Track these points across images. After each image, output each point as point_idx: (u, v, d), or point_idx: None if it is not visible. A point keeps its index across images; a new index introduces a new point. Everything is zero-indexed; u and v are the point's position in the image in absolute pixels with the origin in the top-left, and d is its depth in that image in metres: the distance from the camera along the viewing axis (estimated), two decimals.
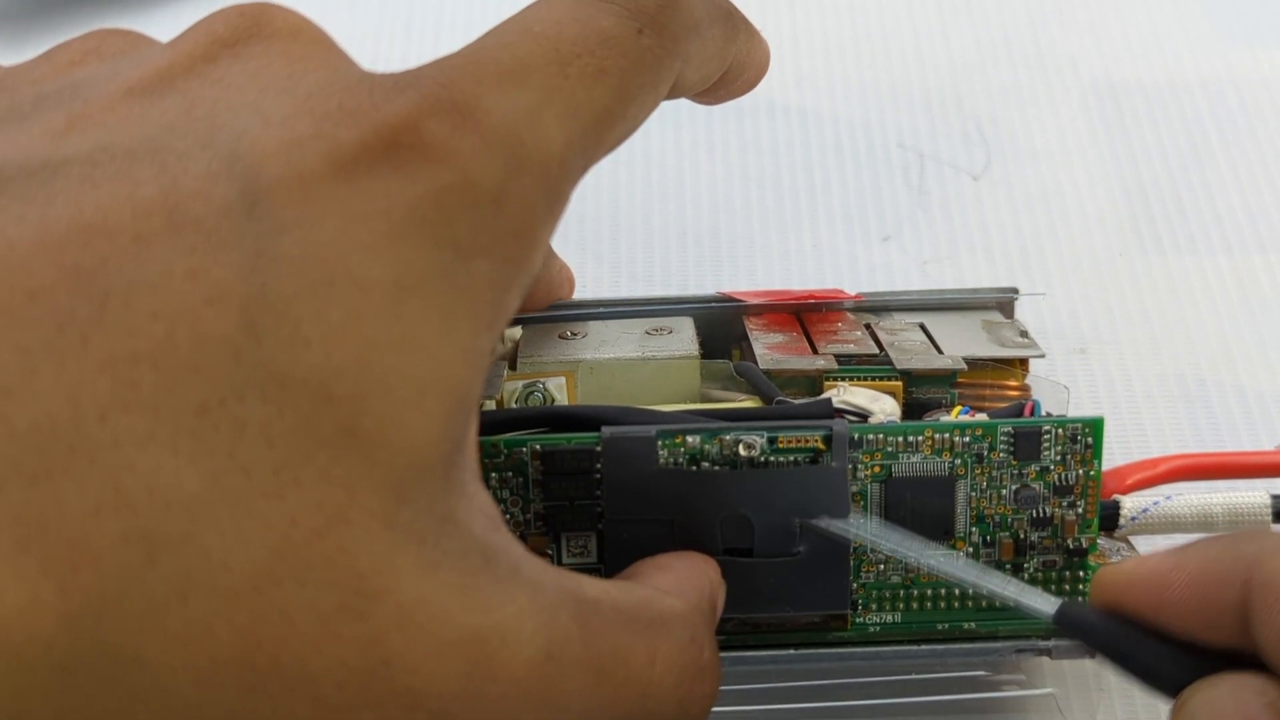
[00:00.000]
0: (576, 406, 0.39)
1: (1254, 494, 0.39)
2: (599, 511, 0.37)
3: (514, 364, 0.41)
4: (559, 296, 0.44)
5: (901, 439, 0.37)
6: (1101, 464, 0.37)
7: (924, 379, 0.40)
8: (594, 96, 0.29)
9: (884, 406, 0.38)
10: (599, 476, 0.36)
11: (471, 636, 0.26)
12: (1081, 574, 0.38)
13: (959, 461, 0.37)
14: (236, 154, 0.26)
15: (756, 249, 0.56)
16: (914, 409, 0.40)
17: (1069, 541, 0.37)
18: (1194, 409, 0.50)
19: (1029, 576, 0.38)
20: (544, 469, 0.37)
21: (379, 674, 0.26)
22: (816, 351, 0.41)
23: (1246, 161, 0.60)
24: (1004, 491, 0.37)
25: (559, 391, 0.40)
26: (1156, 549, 0.40)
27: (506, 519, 0.36)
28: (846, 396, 0.38)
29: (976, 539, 0.37)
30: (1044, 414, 0.38)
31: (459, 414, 0.27)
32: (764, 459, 0.36)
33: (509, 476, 0.37)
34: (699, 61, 0.34)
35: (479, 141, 0.27)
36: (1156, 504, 0.39)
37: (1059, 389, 0.39)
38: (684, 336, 0.42)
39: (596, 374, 0.41)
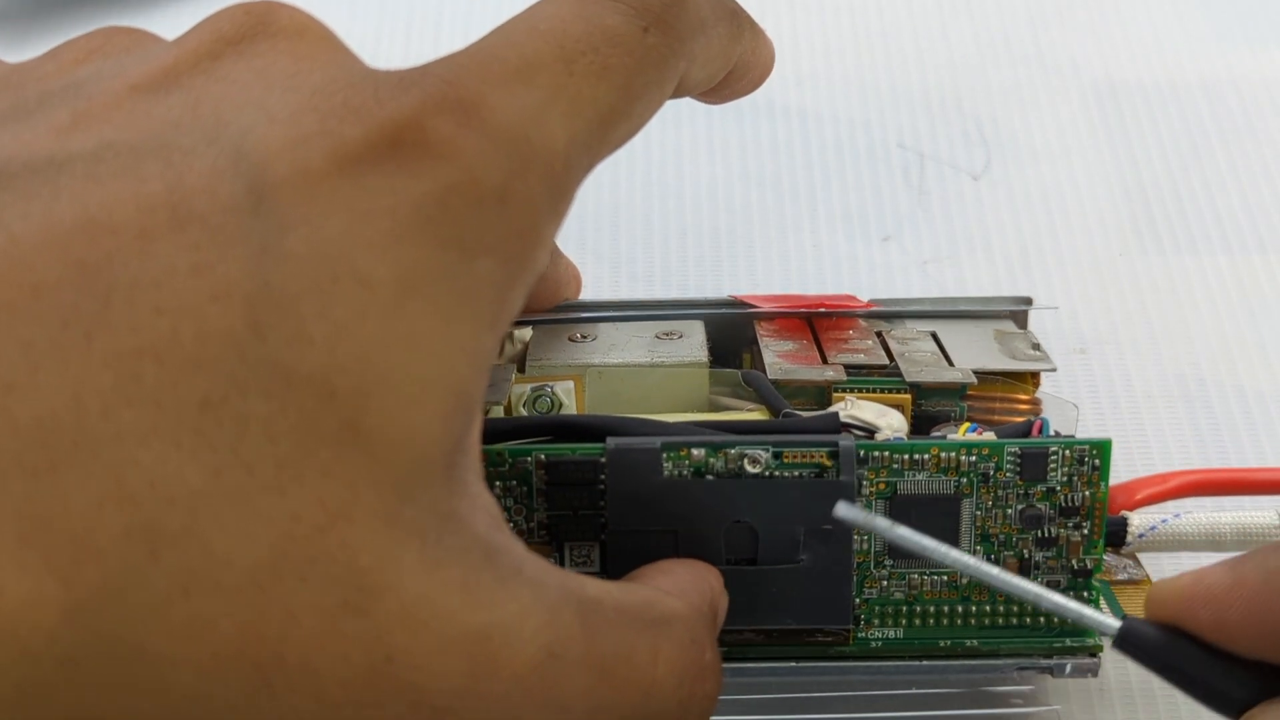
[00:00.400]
0: (582, 416, 0.39)
1: (1263, 514, 0.39)
2: (602, 522, 0.37)
3: (523, 366, 0.41)
4: (566, 296, 0.44)
5: (907, 457, 0.37)
6: (1109, 485, 0.37)
7: (933, 392, 0.40)
8: (599, 94, 0.29)
9: (891, 422, 0.38)
10: (603, 487, 0.36)
11: (474, 633, 0.26)
12: (1086, 595, 0.37)
13: (964, 480, 0.37)
14: (242, 151, 0.26)
15: (756, 249, 0.56)
16: (923, 421, 0.40)
17: (1074, 562, 0.37)
18: (1194, 409, 0.50)
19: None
20: (548, 479, 0.37)
21: (381, 670, 0.26)
22: (826, 361, 0.41)
23: (1246, 161, 0.60)
24: (1009, 511, 0.37)
25: (567, 396, 0.40)
26: (1164, 568, 0.41)
27: (510, 527, 0.36)
28: (854, 411, 0.38)
29: (980, 558, 0.37)
30: (1052, 433, 0.38)
31: (461, 412, 0.27)
32: (769, 474, 0.36)
33: (513, 485, 0.37)
34: (704, 60, 0.33)
35: (484, 139, 0.27)
36: (1165, 521, 0.39)
37: (1068, 407, 0.39)
38: (694, 342, 0.42)
39: (605, 379, 0.41)
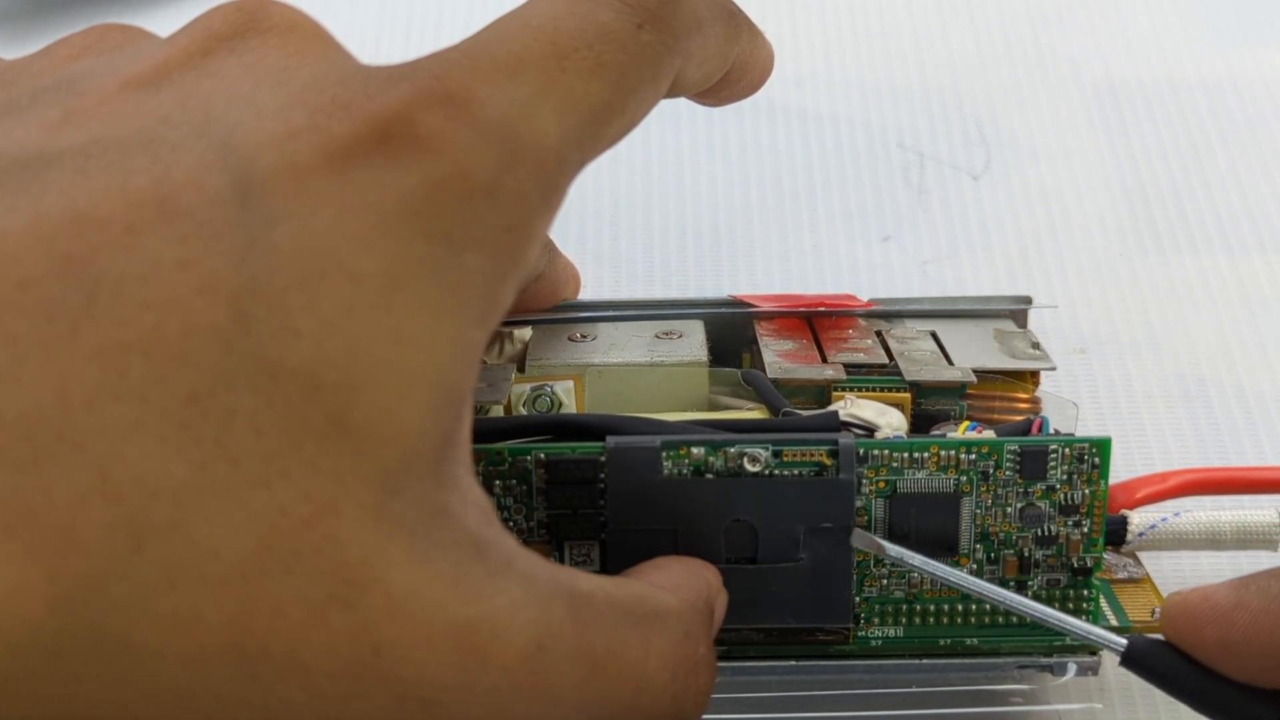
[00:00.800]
0: (581, 415, 0.39)
1: (1263, 512, 0.39)
2: (602, 521, 0.37)
3: (523, 366, 0.41)
4: (565, 296, 0.44)
5: (907, 455, 0.37)
6: (1108, 483, 0.37)
7: (933, 391, 0.40)
8: (591, 90, 0.29)
9: (891, 420, 0.38)
10: (603, 486, 0.36)
11: (462, 626, 0.26)
12: (1086, 592, 0.37)
13: (964, 479, 0.37)
14: (230, 145, 0.26)
15: (756, 249, 0.56)
16: (922, 420, 0.40)
17: (1073, 560, 0.37)
18: (1194, 409, 0.50)
19: (1032, 594, 0.37)
20: (548, 478, 0.36)
21: (369, 663, 0.26)
22: (826, 360, 0.41)
23: (1246, 161, 0.60)
24: (1009, 509, 0.37)
25: (567, 395, 0.40)
26: (1164, 567, 0.41)
27: (509, 526, 0.37)
28: (853, 410, 0.38)
29: (980, 556, 0.37)
30: (1052, 431, 0.38)
31: (449, 407, 0.27)
32: (768, 473, 0.36)
33: (513, 484, 0.37)
34: (700, 59, 0.33)
35: (472, 133, 0.27)
36: (1165, 520, 0.39)
37: (1067, 405, 0.39)
38: (693, 341, 0.42)
39: (604, 378, 0.41)
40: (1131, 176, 0.59)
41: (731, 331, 0.44)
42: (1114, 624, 0.33)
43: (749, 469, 0.36)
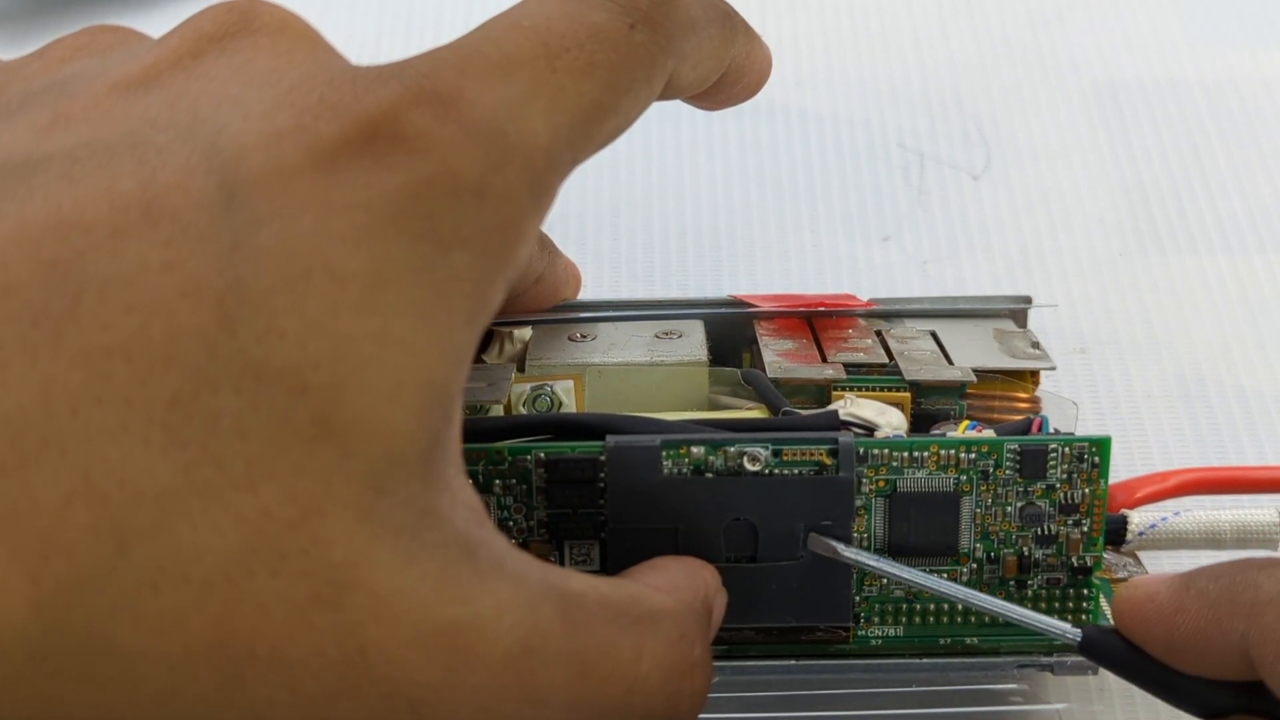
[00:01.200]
0: (581, 414, 0.39)
1: (1263, 511, 0.39)
2: (602, 520, 0.37)
3: (523, 366, 0.41)
4: (565, 296, 0.44)
5: (907, 454, 0.37)
6: (1108, 483, 0.37)
7: (932, 390, 0.40)
8: (582, 90, 0.29)
9: (891, 420, 0.38)
10: (603, 485, 0.36)
11: (448, 627, 0.26)
12: (1085, 592, 0.37)
13: (964, 478, 0.37)
14: (216, 147, 0.26)
15: (756, 249, 0.56)
16: (922, 420, 0.40)
17: (1073, 560, 0.37)
18: (1194, 409, 0.50)
19: (1032, 593, 0.38)
20: (548, 477, 0.36)
21: (355, 663, 0.26)
22: (826, 360, 0.41)
23: (1246, 161, 0.60)
24: (1009, 509, 0.37)
25: (567, 395, 0.40)
26: (1164, 566, 0.41)
27: (509, 525, 0.37)
28: (853, 409, 0.38)
29: (980, 555, 0.37)
30: (1051, 430, 0.38)
31: (436, 407, 0.27)
32: (768, 472, 0.36)
33: (513, 483, 0.37)
34: (695, 61, 0.33)
35: (460, 132, 0.27)
36: (1165, 520, 0.39)
37: (1067, 404, 0.39)
38: (693, 341, 0.42)
39: (604, 378, 0.41)
40: (1131, 176, 0.59)
41: (731, 331, 0.44)
42: (1114, 624, 0.33)
43: (749, 468, 0.36)
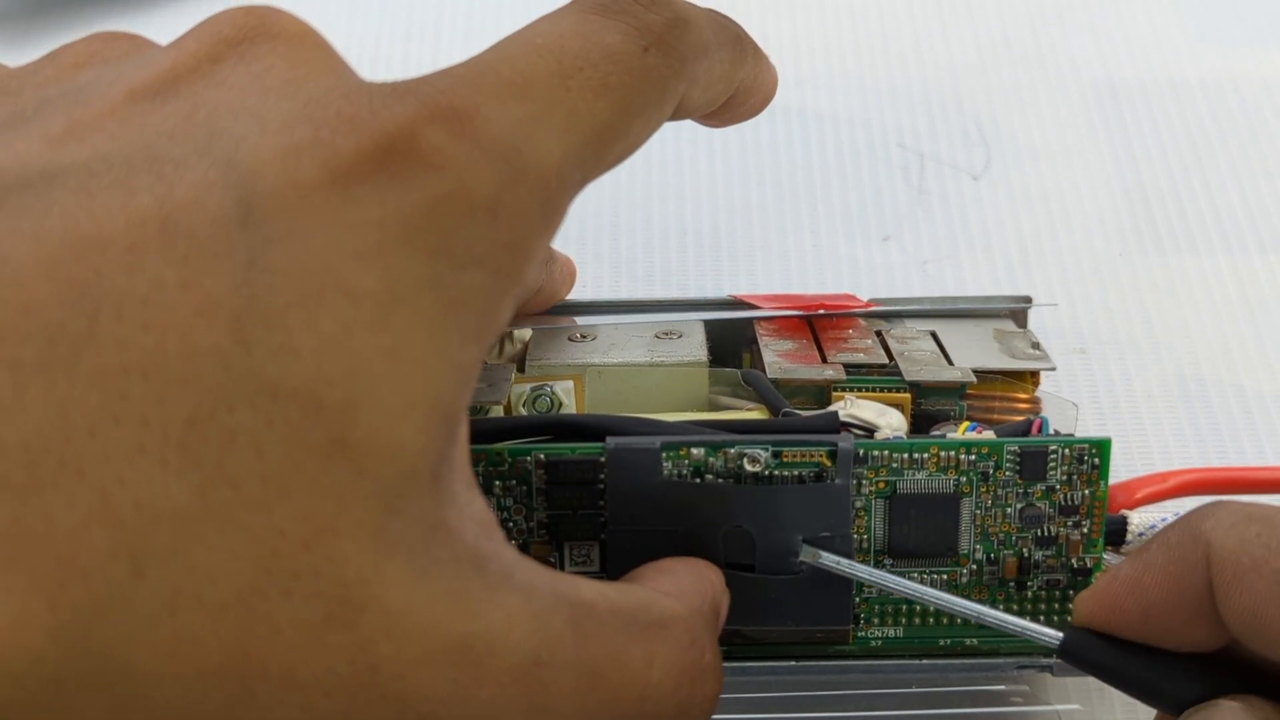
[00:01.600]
0: (582, 416, 0.39)
1: None
2: (602, 521, 0.37)
3: (523, 366, 0.41)
4: (561, 296, 0.44)
5: (907, 455, 0.37)
6: (1108, 484, 0.37)
7: (933, 391, 0.40)
8: (595, 111, 0.29)
9: (891, 421, 0.38)
10: (603, 487, 0.36)
11: (459, 643, 0.27)
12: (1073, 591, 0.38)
13: (964, 479, 0.37)
14: (233, 161, 0.26)
15: (756, 249, 0.56)
16: (922, 421, 0.40)
17: (1073, 561, 0.37)
18: (1194, 409, 0.50)
19: (1032, 595, 0.38)
20: (548, 478, 0.37)
21: (367, 681, 0.26)
22: (826, 360, 0.41)
23: (1246, 161, 0.60)
24: (1009, 510, 0.37)
25: (566, 396, 0.40)
26: None
27: (509, 527, 0.37)
28: (853, 410, 0.38)
29: (980, 557, 0.37)
30: (1051, 432, 0.38)
31: (445, 424, 0.27)
32: (768, 473, 0.36)
33: (513, 485, 0.37)
34: (705, 84, 0.33)
35: (475, 150, 0.27)
36: (1165, 520, 0.38)
37: (1067, 405, 0.39)
38: (693, 341, 0.42)
39: (604, 378, 0.41)
40: (1131, 176, 0.59)
41: (731, 332, 0.44)
42: (1087, 623, 0.33)
43: (748, 469, 0.36)
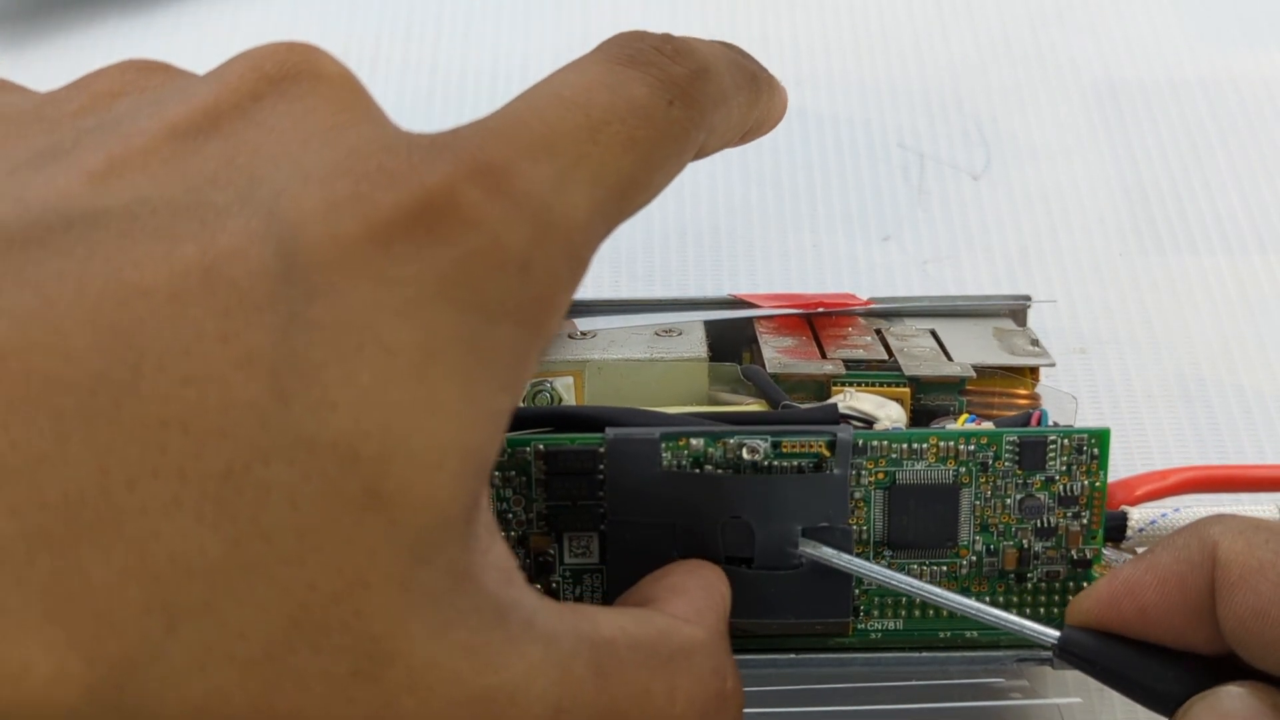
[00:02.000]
0: (581, 407, 0.39)
1: (1262, 509, 0.39)
2: (601, 512, 0.37)
3: None
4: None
5: (906, 446, 0.37)
6: (1108, 475, 0.37)
7: (932, 386, 0.40)
8: (621, 165, 0.29)
9: (890, 413, 0.38)
10: (602, 477, 0.36)
11: (480, 696, 0.27)
12: (1085, 585, 0.37)
13: (963, 470, 0.37)
14: (275, 213, 0.26)
15: (757, 249, 0.56)
16: (922, 416, 0.40)
17: (1073, 552, 0.37)
18: (1194, 409, 0.50)
19: (1032, 586, 0.38)
20: (547, 469, 0.37)
21: None
22: (825, 356, 0.41)
23: (1246, 161, 0.60)
24: (1008, 501, 0.37)
25: (566, 391, 0.40)
26: None
27: (509, 518, 0.37)
28: (853, 402, 0.38)
29: (980, 548, 0.37)
30: (1051, 424, 0.38)
31: (477, 473, 0.27)
32: (767, 463, 0.36)
33: (512, 476, 0.37)
34: (723, 130, 0.34)
35: (510, 206, 0.27)
36: (1165, 516, 0.38)
37: (1067, 399, 0.39)
38: (693, 339, 0.42)
39: (604, 374, 0.41)
40: (1131, 176, 0.59)
41: (732, 331, 0.44)
42: (1087, 622, 0.33)
43: (747, 459, 0.36)
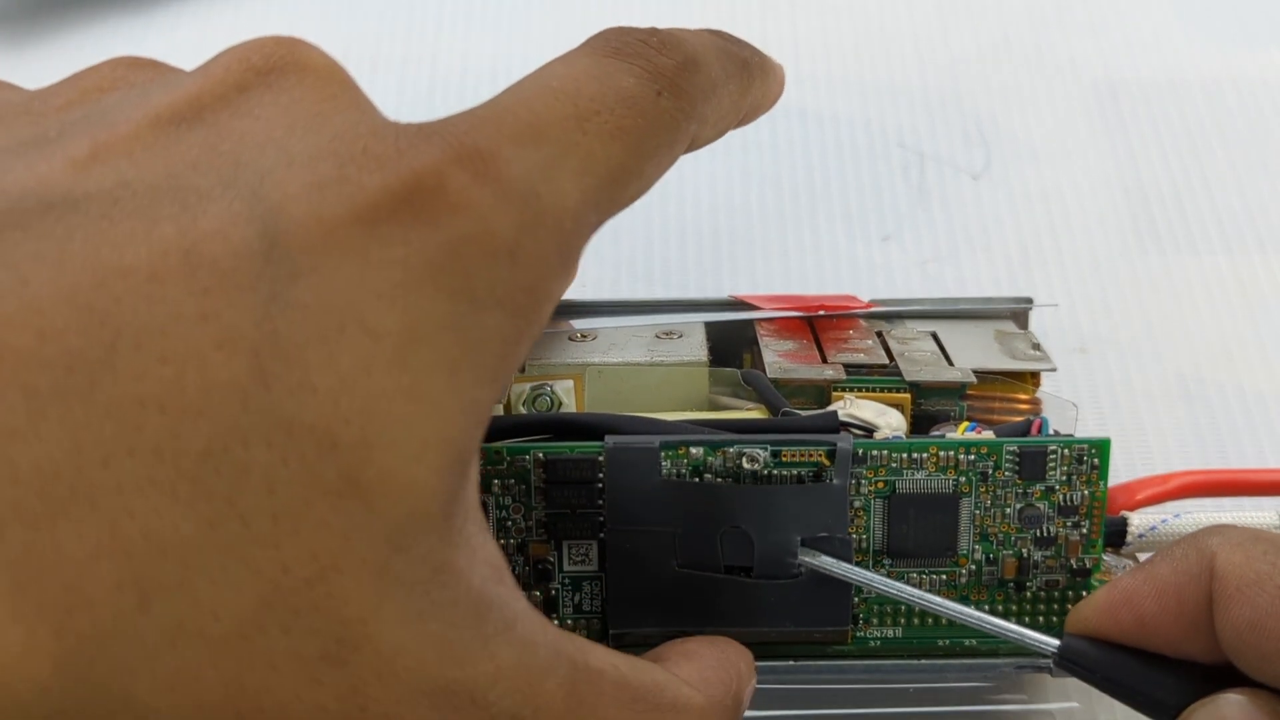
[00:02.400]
0: (580, 414, 0.39)
1: (1263, 514, 0.39)
2: (601, 520, 0.37)
3: (522, 366, 0.41)
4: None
5: (906, 455, 0.37)
6: (1108, 484, 0.37)
7: (933, 391, 0.40)
8: (610, 154, 0.29)
9: (890, 421, 0.38)
10: (601, 486, 0.36)
11: (443, 689, 0.27)
12: (1084, 594, 0.37)
13: (963, 479, 0.37)
14: (259, 194, 0.26)
15: (756, 249, 0.56)
16: (922, 421, 0.40)
17: (1073, 561, 0.37)
18: (1194, 409, 0.50)
19: (1031, 595, 0.38)
20: (546, 477, 0.37)
21: (356, 719, 0.26)
22: (826, 360, 0.41)
23: (1246, 161, 0.60)
24: (1008, 510, 0.37)
25: (566, 395, 0.40)
26: None
27: (508, 525, 0.37)
28: (853, 410, 0.38)
29: (979, 557, 0.37)
30: (1051, 432, 0.38)
31: (458, 465, 0.27)
32: (767, 472, 0.36)
33: (511, 483, 0.37)
34: (714, 120, 0.34)
35: (498, 192, 0.27)
36: (1165, 521, 0.38)
37: (1067, 406, 0.39)
38: (693, 342, 0.42)
39: (604, 378, 0.41)
40: (1131, 176, 0.59)
41: (732, 332, 0.44)
42: (1087, 630, 0.33)
43: (747, 469, 0.36)
